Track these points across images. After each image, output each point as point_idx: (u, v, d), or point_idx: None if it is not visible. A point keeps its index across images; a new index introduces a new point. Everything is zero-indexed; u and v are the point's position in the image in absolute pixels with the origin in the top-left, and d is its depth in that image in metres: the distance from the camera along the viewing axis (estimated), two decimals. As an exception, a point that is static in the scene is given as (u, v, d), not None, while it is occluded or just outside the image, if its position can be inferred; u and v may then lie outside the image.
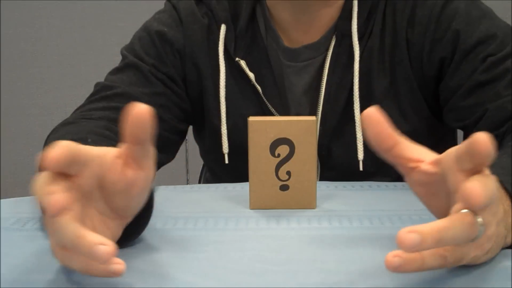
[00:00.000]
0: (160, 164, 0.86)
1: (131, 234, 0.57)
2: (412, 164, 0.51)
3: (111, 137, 0.74)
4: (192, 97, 0.90)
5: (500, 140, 0.73)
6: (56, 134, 0.75)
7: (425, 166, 0.51)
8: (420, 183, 0.52)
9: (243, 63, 0.86)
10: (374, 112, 0.49)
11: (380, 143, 0.50)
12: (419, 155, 0.51)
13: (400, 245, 0.42)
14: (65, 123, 0.78)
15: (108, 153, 0.51)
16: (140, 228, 0.58)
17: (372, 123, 0.49)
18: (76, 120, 0.78)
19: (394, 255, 0.43)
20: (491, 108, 0.75)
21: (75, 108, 0.85)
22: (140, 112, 0.48)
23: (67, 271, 0.52)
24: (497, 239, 0.49)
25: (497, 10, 0.85)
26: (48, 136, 0.77)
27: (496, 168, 0.55)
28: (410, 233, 0.42)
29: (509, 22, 0.84)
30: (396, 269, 0.43)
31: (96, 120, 0.79)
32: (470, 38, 0.79)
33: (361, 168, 0.82)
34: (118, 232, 0.53)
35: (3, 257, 0.56)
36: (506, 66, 0.76)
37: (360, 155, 0.83)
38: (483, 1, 0.84)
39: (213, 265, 0.53)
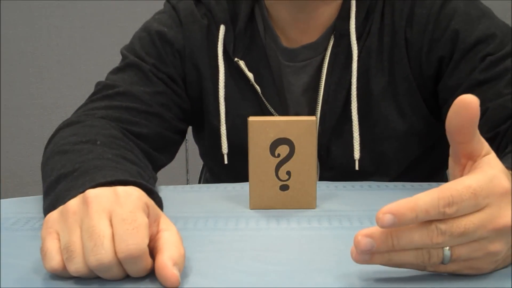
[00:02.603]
0: (160, 165, 0.86)
1: None
2: (464, 161, 0.51)
3: (118, 137, 0.74)
4: (191, 97, 0.90)
5: (501, 138, 0.73)
6: (63, 134, 0.74)
7: (468, 167, 0.51)
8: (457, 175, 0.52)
9: (242, 63, 0.86)
10: (474, 101, 0.47)
11: (461, 133, 0.49)
12: (477, 154, 0.50)
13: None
14: (69, 123, 0.78)
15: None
16: None
17: (468, 110, 0.47)
18: (80, 119, 0.78)
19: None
20: (491, 107, 0.75)
21: (75, 107, 0.85)
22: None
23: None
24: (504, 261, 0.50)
25: (497, 10, 0.85)
26: (53, 136, 0.77)
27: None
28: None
29: (509, 22, 0.84)
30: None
31: (99, 119, 0.79)
32: (469, 38, 0.79)
33: (356, 168, 0.83)
34: None
35: (3, 257, 0.56)
36: (505, 65, 0.76)
37: (357, 154, 0.83)
38: (483, 1, 0.84)
39: (213, 265, 0.53)
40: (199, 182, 1.26)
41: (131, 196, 0.51)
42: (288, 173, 0.67)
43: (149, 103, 0.84)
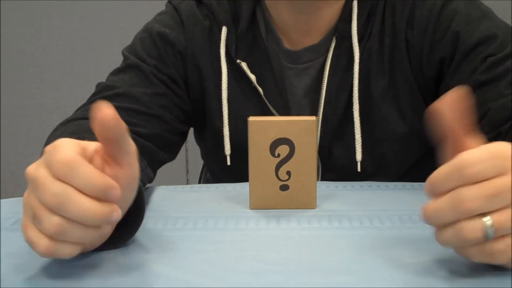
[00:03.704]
0: (162, 161, 0.86)
1: (125, 233, 0.57)
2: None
3: None
4: (193, 99, 0.90)
5: (503, 138, 0.73)
6: (55, 133, 0.75)
7: None
8: None
9: (244, 65, 0.86)
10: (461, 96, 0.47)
11: (451, 130, 0.49)
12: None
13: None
14: (65, 122, 0.78)
15: (88, 147, 0.51)
16: (133, 228, 0.58)
17: (455, 106, 0.48)
18: (76, 119, 0.79)
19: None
20: (493, 107, 0.75)
21: (75, 107, 0.85)
22: (104, 118, 0.47)
23: (67, 271, 0.52)
24: None
25: (497, 10, 0.85)
26: (53, 132, 0.77)
27: None
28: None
29: (509, 22, 0.84)
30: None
31: None
32: (470, 39, 0.79)
33: (359, 169, 0.83)
34: (109, 230, 0.53)
35: (3, 257, 0.56)
36: (506, 66, 0.76)
37: (359, 156, 0.83)
38: (483, 1, 0.84)
39: (213, 265, 0.53)
40: (199, 182, 1.26)
41: (63, 144, 0.49)
42: (288, 173, 0.67)
43: (148, 104, 0.84)
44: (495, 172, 0.45)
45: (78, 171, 0.47)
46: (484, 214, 0.45)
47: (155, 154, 0.82)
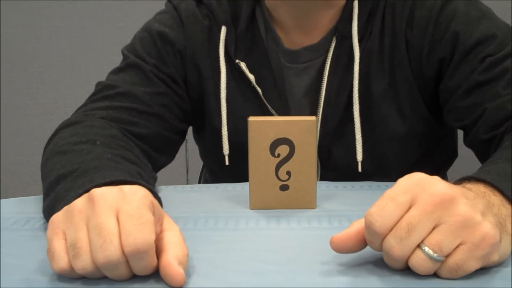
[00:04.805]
0: (160, 166, 0.86)
1: None
2: None
3: (117, 137, 0.74)
4: (192, 98, 0.90)
5: (498, 142, 0.73)
6: (63, 134, 0.75)
7: None
8: None
9: (243, 65, 0.86)
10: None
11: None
12: None
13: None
14: (69, 123, 0.78)
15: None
16: None
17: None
18: (80, 119, 0.78)
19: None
20: (490, 107, 0.75)
21: (75, 108, 0.85)
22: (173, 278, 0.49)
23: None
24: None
25: (497, 10, 0.85)
26: (53, 136, 0.77)
27: (492, 175, 0.55)
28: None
29: (509, 22, 0.84)
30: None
31: (99, 119, 0.79)
32: (469, 39, 0.79)
33: (359, 170, 0.83)
34: None
35: (3, 257, 0.56)
36: (505, 66, 0.76)
37: (359, 156, 0.83)
38: (483, 1, 0.84)
39: (213, 265, 0.53)
40: (199, 182, 1.26)
41: (137, 194, 0.51)
42: (288, 173, 0.67)
43: (149, 103, 0.84)
44: (400, 211, 0.47)
45: (143, 260, 0.48)
46: (420, 243, 0.47)
47: (154, 160, 0.83)
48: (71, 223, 0.49)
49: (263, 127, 0.66)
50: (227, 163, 0.86)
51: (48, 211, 0.61)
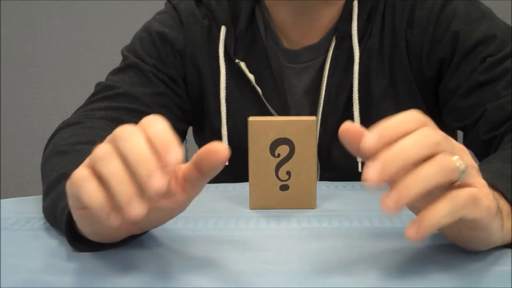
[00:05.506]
0: None
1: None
2: None
3: None
4: (192, 98, 0.90)
5: (498, 142, 0.73)
6: (63, 135, 0.74)
7: None
8: None
9: (243, 64, 0.86)
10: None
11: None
12: None
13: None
14: (69, 124, 0.78)
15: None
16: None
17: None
18: (80, 120, 0.78)
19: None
20: (490, 108, 0.75)
21: (75, 108, 0.85)
22: (217, 151, 0.49)
23: (67, 271, 0.52)
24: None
25: (497, 10, 0.85)
26: (53, 136, 0.77)
27: (487, 173, 0.55)
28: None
29: (509, 22, 0.84)
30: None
31: (99, 120, 0.79)
32: (470, 39, 0.79)
33: (360, 169, 0.83)
34: (125, 235, 0.54)
35: (3, 257, 0.56)
36: (505, 67, 0.76)
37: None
38: (483, 1, 0.84)
39: (214, 265, 0.53)
40: (199, 182, 1.25)
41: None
42: (288, 173, 0.67)
43: (149, 104, 0.84)
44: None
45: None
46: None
47: None
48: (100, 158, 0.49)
49: (263, 127, 0.66)
50: (227, 163, 0.86)
51: (49, 210, 0.61)
